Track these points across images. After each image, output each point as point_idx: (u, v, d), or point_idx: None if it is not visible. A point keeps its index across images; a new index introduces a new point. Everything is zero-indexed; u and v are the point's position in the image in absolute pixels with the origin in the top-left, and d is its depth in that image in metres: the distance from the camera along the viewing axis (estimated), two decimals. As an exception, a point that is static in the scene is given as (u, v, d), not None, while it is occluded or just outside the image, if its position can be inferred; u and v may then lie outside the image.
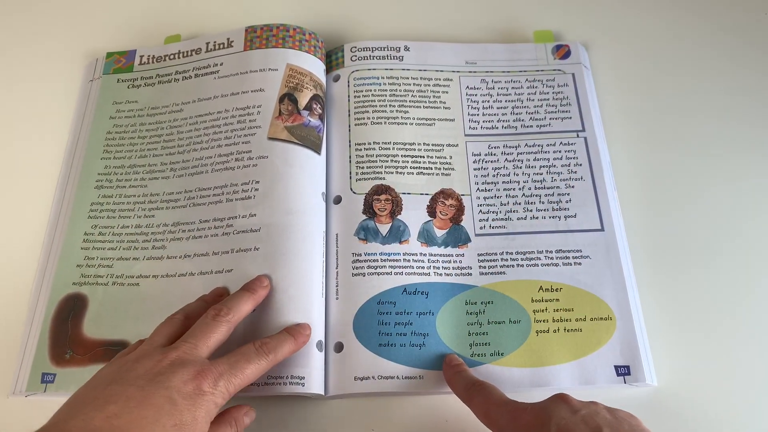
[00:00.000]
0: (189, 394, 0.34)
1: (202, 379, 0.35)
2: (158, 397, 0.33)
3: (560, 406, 0.36)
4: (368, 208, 0.51)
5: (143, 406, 0.33)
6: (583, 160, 0.53)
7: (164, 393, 0.34)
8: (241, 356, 0.38)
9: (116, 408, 0.32)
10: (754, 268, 0.50)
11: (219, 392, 0.36)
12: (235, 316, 0.41)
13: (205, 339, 0.38)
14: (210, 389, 0.35)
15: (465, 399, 0.41)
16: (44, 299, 0.49)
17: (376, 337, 0.46)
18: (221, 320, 0.40)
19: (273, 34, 0.57)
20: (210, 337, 0.39)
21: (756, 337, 0.47)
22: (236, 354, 0.39)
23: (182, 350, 0.37)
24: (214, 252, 0.48)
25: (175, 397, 0.34)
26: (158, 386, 0.34)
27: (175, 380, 0.34)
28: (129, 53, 0.60)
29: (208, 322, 0.39)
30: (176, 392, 0.34)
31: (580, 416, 0.35)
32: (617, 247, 0.49)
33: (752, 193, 0.54)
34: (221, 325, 0.40)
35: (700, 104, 0.58)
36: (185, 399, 0.34)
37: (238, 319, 0.41)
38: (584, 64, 0.58)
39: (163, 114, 0.56)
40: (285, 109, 0.53)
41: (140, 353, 0.37)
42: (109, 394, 0.33)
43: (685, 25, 0.63)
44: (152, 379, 0.34)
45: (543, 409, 0.37)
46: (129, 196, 0.53)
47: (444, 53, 0.59)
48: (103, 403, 0.33)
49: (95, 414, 0.32)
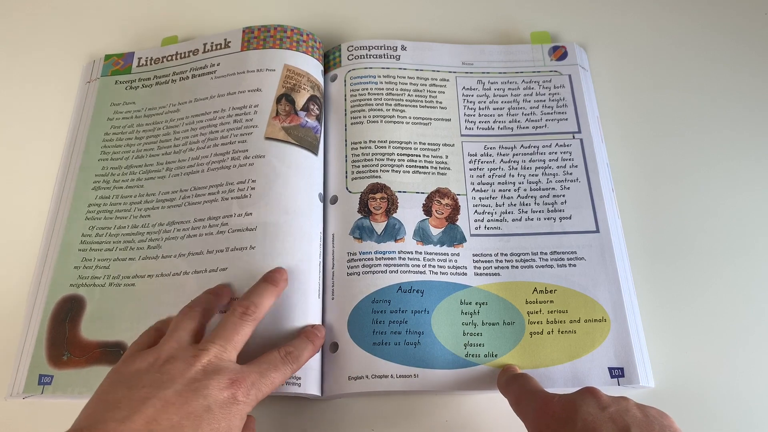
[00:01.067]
0: (224, 402, 0.34)
1: (237, 388, 0.35)
2: (196, 405, 0.33)
3: (588, 401, 0.36)
4: (363, 207, 0.51)
5: (181, 413, 0.33)
6: (579, 162, 0.53)
7: (202, 401, 0.34)
8: (270, 365, 0.38)
9: (154, 412, 0.32)
10: (752, 269, 0.50)
11: (250, 401, 0.36)
12: (260, 312, 0.41)
13: (233, 340, 0.38)
14: (243, 398, 0.35)
15: (503, 390, 0.42)
16: (42, 301, 0.49)
17: (370, 336, 0.45)
18: (248, 318, 0.40)
19: (270, 35, 0.57)
20: (237, 337, 0.38)
21: (753, 339, 0.47)
22: (264, 362, 0.38)
23: (213, 354, 0.37)
24: (209, 250, 0.48)
25: (212, 406, 0.34)
26: (196, 393, 0.34)
27: (211, 388, 0.34)
28: (127, 55, 0.60)
29: (235, 321, 0.39)
30: (213, 400, 0.34)
31: (608, 413, 0.34)
32: (612, 249, 0.49)
33: (750, 194, 0.53)
34: (248, 323, 0.39)
35: (698, 105, 0.58)
36: (221, 407, 0.34)
37: (262, 315, 0.41)
38: (581, 65, 0.58)
39: (160, 114, 0.56)
40: (282, 110, 0.53)
41: (170, 352, 0.37)
42: (145, 397, 0.33)
43: (683, 25, 0.62)
44: (189, 385, 0.34)
45: (571, 401, 0.36)
46: (126, 196, 0.53)
47: (441, 53, 0.59)
48: (141, 406, 0.33)
49: (135, 417, 0.32)
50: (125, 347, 0.46)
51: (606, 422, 0.34)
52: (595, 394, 0.36)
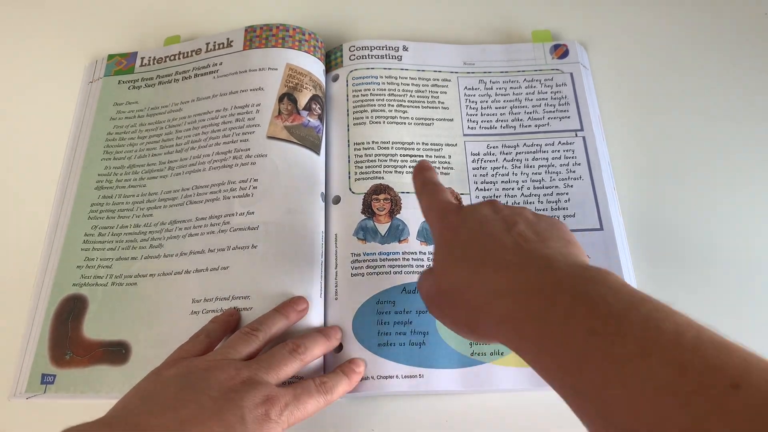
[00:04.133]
0: (258, 417, 0.34)
1: (271, 405, 0.34)
2: (230, 414, 0.33)
3: (486, 206, 0.35)
4: (367, 208, 0.49)
5: (215, 420, 0.32)
6: (582, 160, 0.52)
7: (237, 411, 0.33)
8: (304, 390, 0.38)
9: (189, 413, 0.32)
10: (754, 266, 0.49)
11: (282, 422, 0.35)
12: (308, 356, 0.40)
13: (278, 369, 0.38)
14: (276, 417, 0.34)
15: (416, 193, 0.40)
16: (44, 300, 0.48)
17: (375, 338, 0.44)
18: (297, 356, 0.39)
19: (273, 34, 0.56)
20: (282, 369, 0.38)
21: (756, 333, 0.46)
22: (299, 386, 0.38)
23: (254, 371, 0.36)
24: (211, 249, 0.47)
25: (246, 417, 0.33)
26: (231, 403, 0.33)
27: (247, 400, 0.34)
28: (130, 55, 0.59)
29: (285, 354, 0.39)
30: (248, 412, 0.33)
31: (502, 215, 0.33)
32: (616, 246, 0.48)
33: (752, 191, 0.52)
34: (296, 361, 0.39)
35: (699, 103, 0.57)
36: (254, 422, 0.33)
37: (309, 360, 0.41)
38: (582, 64, 0.57)
39: (162, 114, 0.55)
40: (284, 109, 0.52)
41: (211, 363, 0.36)
42: (182, 398, 0.33)
43: (684, 24, 0.61)
44: (225, 394, 0.34)
45: (469, 209, 0.35)
46: (128, 196, 0.51)
47: (442, 54, 0.58)
48: (176, 406, 0.32)
49: (170, 414, 0.32)
50: (128, 347, 0.45)
51: (497, 221, 0.33)
52: (494, 203, 0.35)
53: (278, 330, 0.41)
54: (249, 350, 0.39)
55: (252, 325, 0.41)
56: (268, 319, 0.42)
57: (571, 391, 0.24)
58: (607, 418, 0.22)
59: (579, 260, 0.29)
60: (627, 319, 0.23)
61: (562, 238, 0.31)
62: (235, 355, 0.38)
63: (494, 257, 0.30)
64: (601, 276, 0.26)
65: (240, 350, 0.38)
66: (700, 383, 0.20)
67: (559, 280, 0.27)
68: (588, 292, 0.25)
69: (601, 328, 0.23)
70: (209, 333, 0.41)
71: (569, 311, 0.25)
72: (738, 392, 0.19)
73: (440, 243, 0.35)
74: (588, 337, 0.23)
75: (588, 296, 0.25)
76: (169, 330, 0.45)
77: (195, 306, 0.45)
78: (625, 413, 0.21)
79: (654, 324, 0.22)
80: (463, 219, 0.34)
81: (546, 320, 0.26)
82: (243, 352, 0.38)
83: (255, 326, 0.40)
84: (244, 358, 0.38)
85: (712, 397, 0.19)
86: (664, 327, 0.22)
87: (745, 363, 0.20)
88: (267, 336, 0.40)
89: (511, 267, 0.29)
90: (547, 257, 0.29)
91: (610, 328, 0.23)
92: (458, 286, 0.32)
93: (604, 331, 0.23)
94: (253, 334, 0.40)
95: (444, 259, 0.34)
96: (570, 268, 0.27)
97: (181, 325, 0.44)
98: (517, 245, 0.30)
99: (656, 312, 0.23)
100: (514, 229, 0.31)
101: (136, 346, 0.45)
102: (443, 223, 0.35)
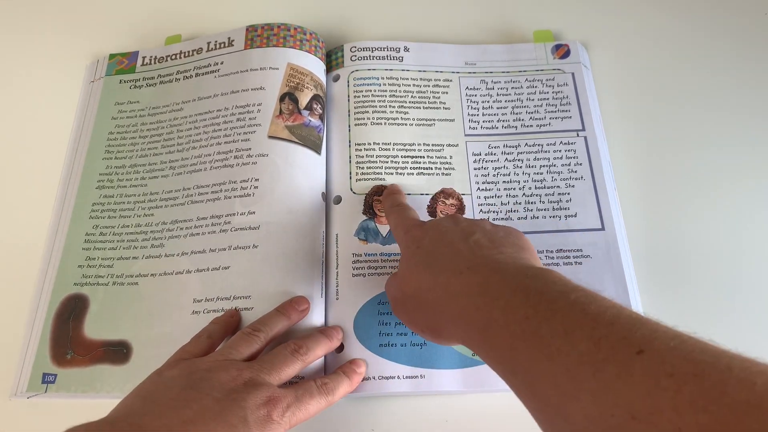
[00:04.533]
0: (260, 418, 0.34)
1: (273, 406, 0.34)
2: (233, 415, 0.33)
3: (446, 220, 0.38)
4: (368, 209, 0.49)
5: (218, 420, 0.32)
6: (584, 160, 0.51)
7: (239, 412, 0.33)
8: (306, 391, 0.38)
9: (191, 414, 0.32)
10: (755, 266, 0.49)
11: (284, 423, 0.35)
12: (310, 357, 0.40)
13: (280, 370, 0.38)
14: (278, 418, 0.34)
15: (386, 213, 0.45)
16: (46, 300, 0.47)
17: (377, 338, 0.44)
18: (298, 357, 0.39)
19: (274, 33, 0.55)
20: (284, 370, 0.38)
21: (758, 334, 0.46)
22: (300, 388, 0.38)
23: (256, 371, 0.36)
24: (212, 249, 0.47)
25: (248, 418, 0.33)
26: (233, 404, 0.33)
27: (249, 401, 0.34)
28: (132, 54, 0.59)
29: (287, 355, 0.39)
30: (250, 413, 0.33)
31: (461, 227, 0.36)
32: (618, 247, 0.47)
33: (753, 191, 0.52)
34: (297, 362, 0.39)
35: (700, 103, 0.56)
36: (256, 423, 0.33)
37: (311, 361, 0.40)
38: (584, 64, 0.57)
39: (163, 113, 0.55)
40: (286, 108, 0.51)
41: (213, 363, 0.36)
42: (184, 398, 0.33)
43: (685, 24, 0.61)
44: (228, 395, 0.34)
45: (432, 222, 0.38)
46: (129, 195, 0.51)
47: (443, 54, 0.58)
48: (178, 406, 0.32)
49: (172, 414, 0.31)
50: (129, 346, 0.45)
51: (456, 231, 0.36)
52: (455, 216, 0.38)
53: (280, 330, 0.41)
54: (251, 351, 0.39)
55: (253, 326, 0.40)
56: (269, 319, 0.41)
57: (511, 374, 0.27)
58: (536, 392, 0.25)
59: (528, 263, 0.32)
60: (556, 305, 0.26)
61: (515, 244, 0.34)
62: (236, 356, 0.37)
63: (452, 263, 0.33)
64: (542, 273, 0.29)
65: (242, 351, 0.38)
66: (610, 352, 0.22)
67: (504, 279, 0.30)
68: (528, 286, 0.28)
69: (533, 314, 0.26)
70: (211, 334, 0.41)
71: (509, 303, 0.28)
72: (642, 356, 0.21)
73: (405, 253, 0.38)
74: (522, 322, 0.26)
75: (527, 289, 0.28)
76: (170, 330, 0.44)
77: (196, 306, 0.45)
78: (550, 385, 0.24)
79: (580, 307, 0.25)
80: (426, 231, 0.37)
81: (490, 314, 0.28)
82: (245, 352, 0.38)
83: (257, 326, 0.40)
84: (246, 359, 0.38)
85: (619, 362, 0.22)
86: (588, 309, 0.25)
87: (652, 332, 0.22)
88: (269, 336, 0.40)
89: (465, 271, 0.32)
90: (497, 261, 0.32)
91: (540, 313, 0.26)
92: (420, 290, 0.34)
93: (535, 315, 0.26)
94: (254, 334, 0.39)
95: (408, 266, 0.37)
96: (516, 269, 0.30)
97: (182, 324, 0.44)
98: (472, 252, 0.33)
99: (584, 297, 0.26)
100: (471, 237, 0.34)
101: (137, 346, 0.45)
102: (408, 236, 0.38)
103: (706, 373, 0.20)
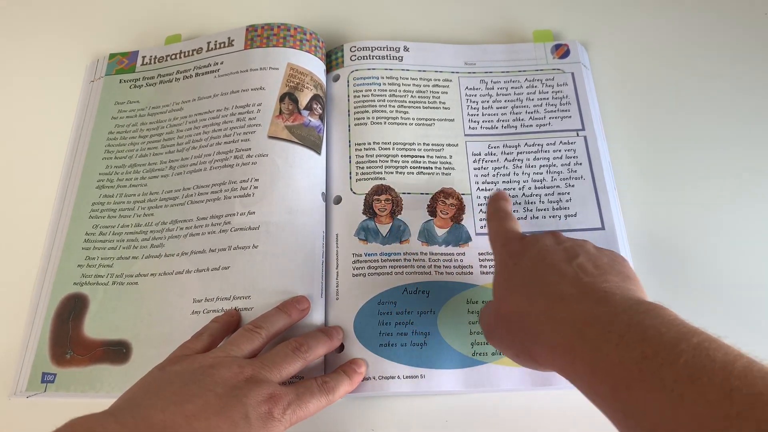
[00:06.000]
0: (261, 415, 0.33)
1: (274, 403, 0.34)
2: (235, 411, 0.32)
3: (548, 237, 0.36)
4: (368, 209, 0.48)
5: (220, 416, 0.32)
6: (583, 159, 0.51)
7: (241, 409, 0.33)
8: (307, 390, 0.37)
9: (194, 408, 0.31)
10: (755, 264, 0.48)
11: (285, 420, 0.34)
12: (311, 355, 0.39)
13: (281, 368, 0.37)
14: (279, 416, 0.34)
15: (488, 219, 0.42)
16: (45, 299, 0.47)
17: (377, 338, 0.43)
18: (299, 354, 0.38)
19: (274, 33, 0.54)
20: (285, 368, 0.37)
21: (758, 332, 0.45)
22: (301, 386, 0.37)
23: (257, 369, 0.36)
24: (211, 249, 0.46)
25: (250, 415, 0.33)
26: (235, 400, 0.33)
27: (251, 398, 0.33)
28: (131, 54, 0.58)
29: (288, 353, 0.38)
30: (251, 410, 0.33)
31: (563, 246, 0.34)
32: (618, 246, 0.46)
33: (752, 190, 0.51)
34: (298, 360, 0.38)
35: (700, 103, 0.55)
36: (257, 419, 0.33)
37: (311, 359, 0.40)
38: (583, 63, 0.56)
39: (163, 113, 0.54)
40: (285, 109, 0.50)
41: (215, 360, 0.36)
42: (187, 393, 0.32)
43: (685, 24, 0.60)
44: (230, 391, 0.33)
45: (532, 238, 0.36)
46: (129, 195, 0.50)
47: (443, 54, 0.57)
48: (181, 401, 0.32)
49: (175, 409, 0.31)
50: (128, 346, 0.44)
51: (559, 251, 0.33)
52: (556, 234, 0.36)
53: (281, 328, 0.41)
54: (252, 347, 0.38)
55: (255, 323, 0.40)
56: (270, 317, 0.41)
57: (621, 414, 0.25)
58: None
59: (636, 295, 0.29)
60: (678, 347, 0.23)
61: (621, 272, 0.32)
62: (238, 353, 0.37)
63: (553, 287, 0.31)
64: (655, 309, 0.27)
65: (243, 347, 0.38)
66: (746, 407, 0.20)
67: (614, 312, 0.27)
68: (642, 322, 0.26)
69: (652, 354, 0.24)
70: (212, 332, 0.40)
71: (623, 338, 0.25)
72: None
73: (501, 269, 0.36)
74: (640, 361, 0.24)
75: (642, 325, 0.26)
76: (170, 330, 0.44)
77: (196, 306, 0.44)
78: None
79: (704, 352, 0.23)
80: (525, 247, 0.35)
81: (600, 347, 0.26)
82: (246, 349, 0.38)
83: (258, 324, 0.40)
84: (247, 356, 0.37)
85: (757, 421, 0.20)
86: (714, 355, 0.22)
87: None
88: (270, 334, 0.40)
89: (569, 298, 0.30)
90: (604, 290, 0.29)
91: (661, 354, 0.24)
92: (517, 313, 0.32)
93: (655, 356, 0.24)
94: (256, 331, 0.39)
95: (504, 284, 0.35)
96: (626, 302, 0.28)
97: (182, 324, 0.43)
98: (577, 277, 0.31)
99: (708, 342, 0.23)
100: (575, 261, 0.32)
101: (137, 346, 0.44)
102: (506, 249, 0.36)
103: None
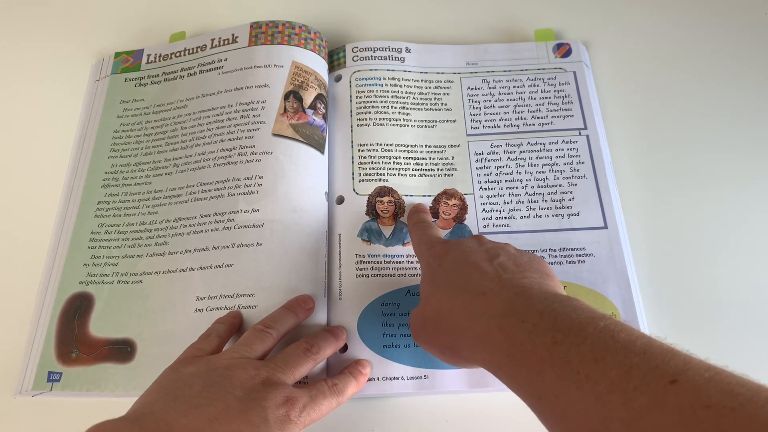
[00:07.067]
0: (280, 418, 0.33)
1: (291, 406, 0.34)
2: (255, 415, 0.32)
3: (471, 240, 0.37)
4: (371, 210, 0.48)
5: (241, 419, 0.32)
6: (586, 158, 0.50)
7: (261, 412, 0.32)
8: (319, 392, 0.37)
9: (216, 412, 0.31)
10: (757, 264, 0.47)
11: (300, 422, 0.34)
12: (320, 356, 0.39)
13: (294, 369, 0.37)
14: (295, 418, 0.34)
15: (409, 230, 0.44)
16: (51, 298, 0.46)
17: (380, 339, 0.43)
18: (311, 357, 0.38)
19: (278, 31, 0.54)
20: (298, 369, 0.37)
21: (759, 333, 0.45)
22: (314, 388, 0.37)
23: (272, 370, 0.35)
24: (215, 247, 0.45)
25: (269, 418, 0.33)
26: (254, 403, 0.33)
27: (269, 401, 0.33)
28: (137, 53, 0.57)
29: (300, 354, 0.38)
30: (270, 413, 0.33)
31: (485, 248, 0.35)
32: (621, 245, 0.46)
33: (754, 191, 0.50)
34: (310, 361, 0.38)
35: (701, 102, 0.55)
36: (276, 422, 0.33)
37: (321, 359, 0.40)
38: (585, 63, 0.55)
39: (168, 111, 0.53)
40: (290, 107, 0.50)
41: (230, 361, 0.35)
42: (207, 397, 0.32)
43: (686, 23, 0.59)
44: (249, 394, 0.33)
45: (455, 241, 0.37)
46: (134, 193, 0.50)
47: (445, 55, 0.56)
48: (202, 404, 0.32)
49: (196, 413, 0.31)
50: (133, 344, 0.44)
51: (480, 252, 0.35)
52: (479, 237, 0.37)
53: (289, 328, 0.40)
54: (264, 348, 0.38)
55: (265, 323, 0.39)
56: (279, 316, 0.40)
57: (536, 400, 0.26)
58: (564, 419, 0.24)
59: (553, 289, 0.30)
60: (585, 331, 0.25)
61: (540, 270, 0.33)
62: (251, 354, 0.37)
63: (475, 284, 0.32)
64: (569, 300, 0.28)
65: (256, 348, 0.37)
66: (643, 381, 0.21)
67: (530, 303, 0.29)
68: (555, 309, 0.27)
69: (562, 339, 0.25)
70: (219, 333, 0.40)
71: (536, 326, 0.27)
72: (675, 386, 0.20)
73: (426, 271, 0.37)
74: (551, 346, 0.25)
75: (554, 313, 0.27)
76: (174, 328, 0.43)
77: (199, 304, 0.44)
78: (579, 413, 0.23)
79: (609, 334, 0.24)
80: (449, 249, 0.36)
81: (515, 335, 0.27)
82: (259, 350, 0.37)
83: (268, 323, 0.39)
84: (260, 356, 0.37)
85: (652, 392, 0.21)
86: (618, 337, 0.24)
87: (685, 362, 0.21)
88: (280, 334, 0.39)
89: (489, 293, 0.31)
90: (523, 285, 0.31)
91: (569, 338, 0.25)
92: (441, 311, 0.33)
93: (564, 341, 0.25)
94: (267, 331, 0.39)
95: (429, 285, 0.35)
96: (542, 294, 0.29)
97: (186, 323, 0.43)
98: (497, 274, 0.32)
99: (613, 325, 0.25)
100: (496, 260, 0.34)
101: (141, 344, 0.43)
102: (430, 253, 0.37)
103: (745, 407, 0.19)
